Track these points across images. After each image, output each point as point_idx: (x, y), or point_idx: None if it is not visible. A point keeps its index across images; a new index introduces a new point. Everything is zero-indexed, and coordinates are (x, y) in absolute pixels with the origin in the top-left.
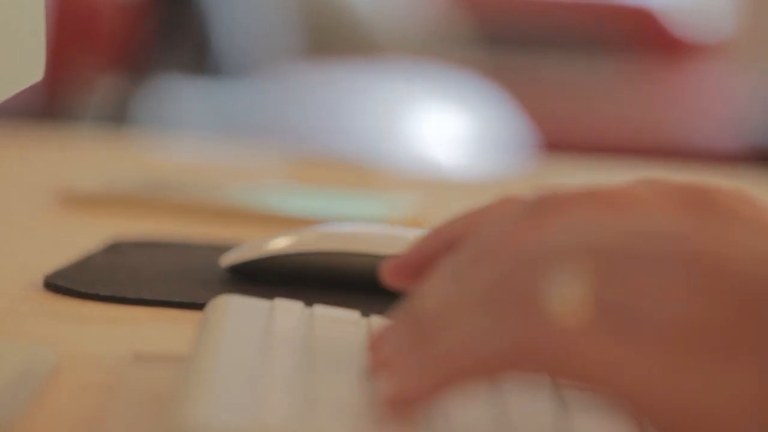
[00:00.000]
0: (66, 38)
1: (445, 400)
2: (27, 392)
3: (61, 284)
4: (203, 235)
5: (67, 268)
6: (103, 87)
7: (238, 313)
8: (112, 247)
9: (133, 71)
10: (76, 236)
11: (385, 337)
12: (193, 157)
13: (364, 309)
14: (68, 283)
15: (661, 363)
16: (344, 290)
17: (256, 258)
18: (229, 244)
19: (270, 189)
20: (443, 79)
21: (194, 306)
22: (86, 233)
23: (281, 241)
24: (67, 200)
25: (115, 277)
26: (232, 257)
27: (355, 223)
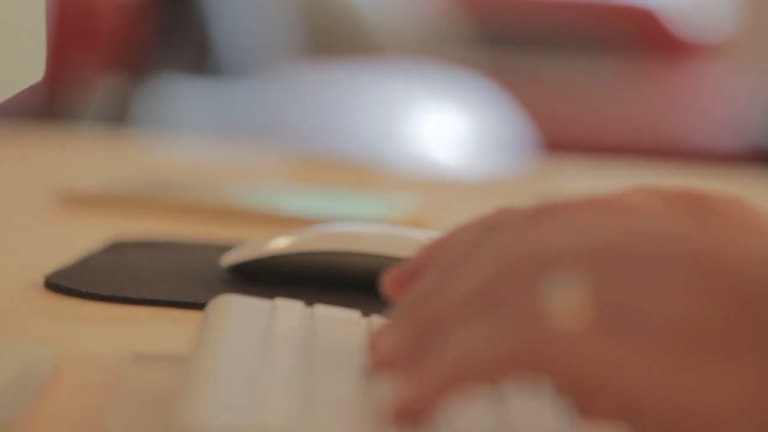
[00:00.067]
0: (66, 38)
1: (447, 403)
2: (27, 392)
3: (62, 284)
4: (203, 235)
5: (67, 268)
6: (103, 87)
7: (238, 313)
8: (112, 247)
9: (133, 71)
10: (76, 236)
11: (385, 337)
12: (193, 157)
13: (364, 309)
14: (68, 283)
15: (661, 363)
16: (344, 290)
17: (256, 258)
18: (229, 244)
19: (270, 189)
20: (443, 79)
21: (194, 306)
22: (86, 233)
23: (281, 241)
24: (67, 200)
25: (115, 277)
26: (233, 257)
27: (355, 223)
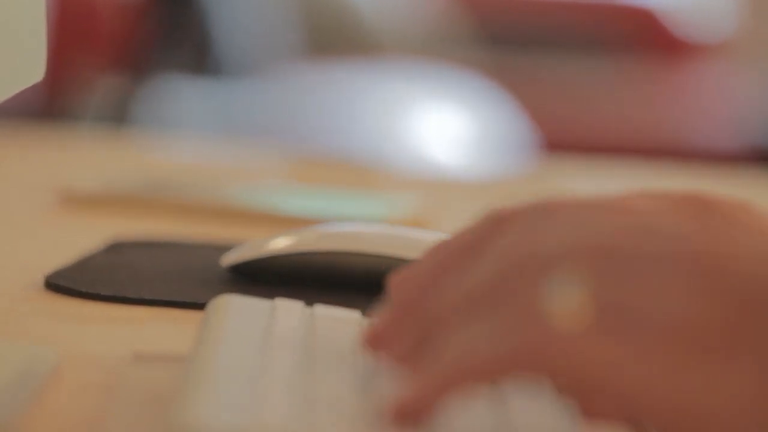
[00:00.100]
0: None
1: (447, 403)
2: (27, 392)
3: (62, 284)
4: (203, 235)
5: (67, 268)
6: (103, 87)
7: (238, 313)
8: (112, 247)
9: (133, 71)
10: (76, 236)
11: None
12: (193, 157)
13: (364, 309)
14: (69, 283)
15: (661, 363)
16: (344, 290)
17: (256, 258)
18: (229, 244)
19: (270, 189)
20: (443, 79)
21: (195, 306)
22: (86, 233)
23: (281, 241)
24: (67, 200)
25: (115, 277)
26: (233, 257)
27: (355, 223)
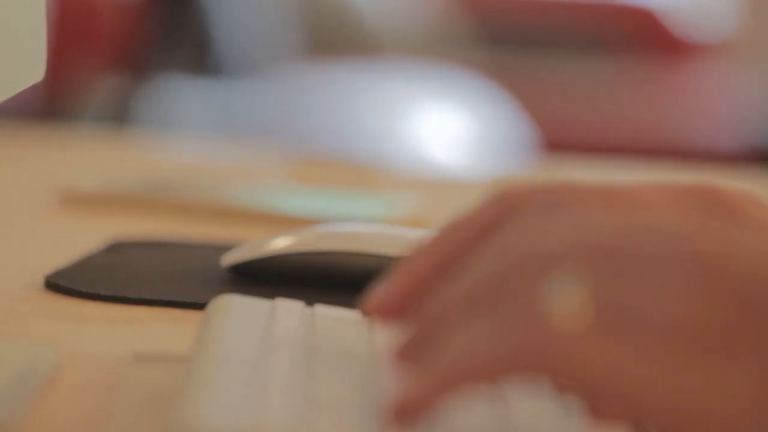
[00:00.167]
0: (66, 38)
1: (447, 402)
2: (27, 392)
3: (62, 284)
4: (203, 235)
5: (67, 268)
6: (103, 87)
7: (238, 313)
8: (112, 247)
9: (133, 71)
10: (76, 236)
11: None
12: (193, 157)
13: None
14: (69, 283)
15: (661, 363)
16: (344, 290)
17: (256, 258)
18: (229, 244)
19: (270, 189)
20: (443, 79)
21: (195, 306)
22: (86, 233)
23: (281, 241)
24: (67, 200)
25: (115, 277)
26: (233, 257)
27: (355, 223)
